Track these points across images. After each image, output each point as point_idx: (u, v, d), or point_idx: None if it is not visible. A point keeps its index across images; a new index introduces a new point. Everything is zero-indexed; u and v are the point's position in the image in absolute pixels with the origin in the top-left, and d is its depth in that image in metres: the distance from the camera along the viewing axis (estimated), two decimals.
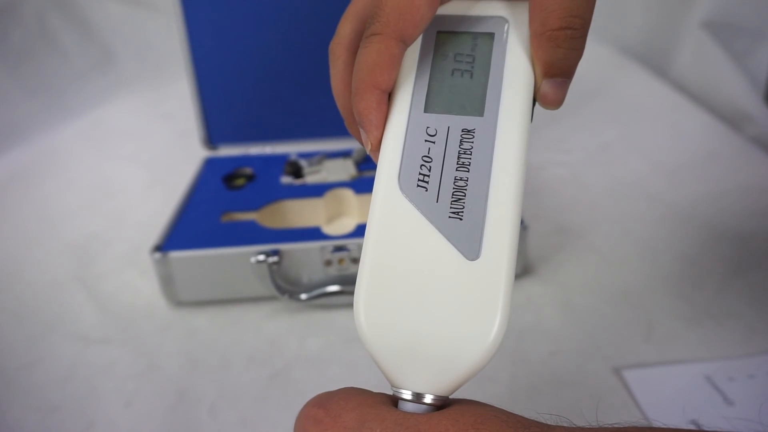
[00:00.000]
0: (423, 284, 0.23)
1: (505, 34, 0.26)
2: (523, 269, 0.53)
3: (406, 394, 0.23)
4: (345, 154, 0.63)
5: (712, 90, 0.83)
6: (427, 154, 0.24)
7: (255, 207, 0.57)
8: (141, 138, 0.83)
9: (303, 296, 0.49)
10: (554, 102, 0.25)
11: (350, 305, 0.52)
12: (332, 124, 0.66)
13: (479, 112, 0.25)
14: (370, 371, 0.45)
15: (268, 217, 0.57)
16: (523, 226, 0.50)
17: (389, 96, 0.26)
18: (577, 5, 0.24)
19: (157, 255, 0.49)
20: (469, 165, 0.24)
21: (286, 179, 0.61)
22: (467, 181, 0.24)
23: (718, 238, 0.57)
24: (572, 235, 0.59)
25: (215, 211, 0.56)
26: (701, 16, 0.85)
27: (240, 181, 0.62)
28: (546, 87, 0.25)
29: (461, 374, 0.22)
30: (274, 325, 0.50)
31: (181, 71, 0.70)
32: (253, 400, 0.43)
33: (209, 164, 0.66)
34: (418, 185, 0.24)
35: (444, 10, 0.27)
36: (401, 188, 0.24)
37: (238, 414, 0.42)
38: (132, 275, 0.56)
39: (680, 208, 0.62)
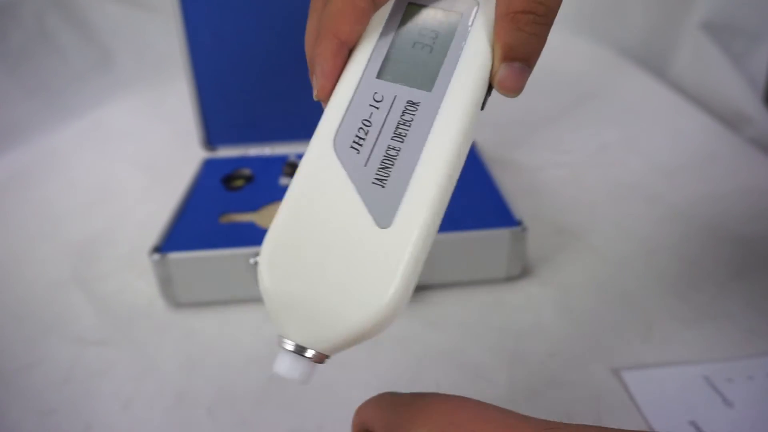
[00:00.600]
0: (330, 242, 0.23)
1: (472, 17, 0.26)
2: (522, 270, 0.53)
3: (289, 345, 0.24)
4: None
5: (711, 91, 0.83)
6: (368, 119, 0.25)
7: (254, 208, 0.57)
8: (140, 139, 0.82)
9: None
10: (511, 88, 0.25)
11: None
12: None
13: (428, 87, 0.25)
14: (368, 372, 0.45)
15: (267, 218, 0.57)
16: (522, 227, 0.50)
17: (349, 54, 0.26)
18: None
19: (156, 256, 0.49)
20: (404, 136, 0.24)
21: (285, 180, 0.61)
22: (399, 151, 0.24)
23: (717, 239, 0.57)
24: (571, 236, 0.59)
25: (214, 213, 0.56)
26: (700, 18, 0.85)
27: (239, 182, 0.62)
28: (504, 71, 0.25)
29: (345, 334, 0.23)
30: (272, 327, 0.49)
31: (180, 72, 0.70)
32: (252, 401, 0.43)
33: (208, 165, 0.66)
34: (351, 146, 0.24)
35: None
36: (335, 146, 0.24)
37: (237, 416, 0.42)
38: (131, 276, 0.56)
39: (679, 209, 0.62)
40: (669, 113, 0.83)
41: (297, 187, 0.24)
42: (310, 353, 0.23)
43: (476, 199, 0.55)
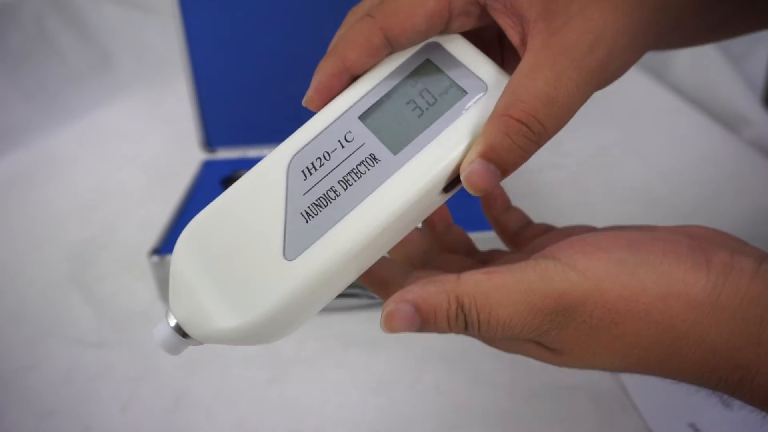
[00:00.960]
0: (239, 248, 0.24)
1: (475, 100, 0.25)
2: None
3: (171, 320, 0.25)
4: None
5: (709, 93, 0.83)
6: (329, 152, 0.25)
7: None
8: (139, 140, 0.82)
9: None
10: (477, 186, 0.23)
11: (349, 309, 0.52)
12: None
13: (395, 149, 0.24)
14: (369, 375, 0.45)
15: None
16: None
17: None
18: (545, 113, 0.23)
19: (155, 258, 0.49)
20: (350, 185, 0.24)
21: None
22: (338, 197, 0.24)
23: None
24: None
25: None
26: None
27: None
28: (476, 166, 0.23)
29: (210, 333, 0.24)
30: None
31: (179, 74, 0.70)
32: (251, 403, 0.43)
33: (207, 167, 0.66)
34: (302, 170, 0.25)
35: (449, 44, 0.26)
36: (290, 163, 0.25)
37: (236, 418, 0.42)
38: (130, 278, 0.56)
39: (679, 211, 0.62)
40: (668, 115, 0.83)
41: (240, 185, 0.25)
42: (184, 334, 0.25)
43: (474, 201, 0.55)
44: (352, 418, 0.42)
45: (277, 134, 0.69)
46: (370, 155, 0.24)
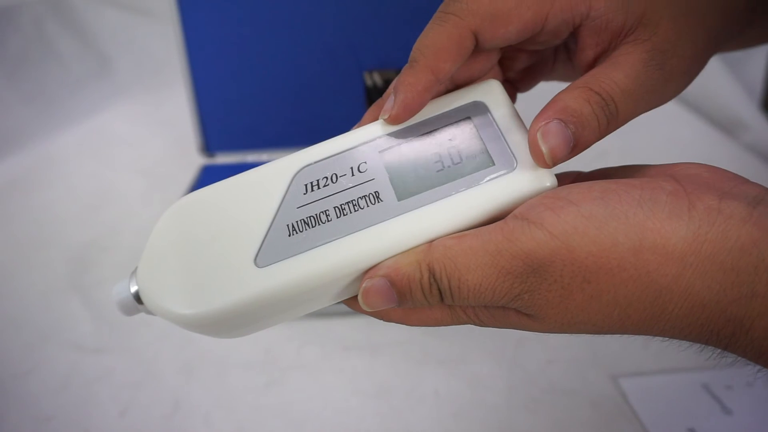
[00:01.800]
0: (219, 237, 0.24)
1: (498, 174, 0.24)
2: None
3: (133, 286, 0.25)
4: None
5: (707, 98, 0.84)
6: (338, 176, 0.24)
7: None
8: (138, 145, 0.82)
9: None
10: (554, 150, 0.23)
11: (348, 314, 0.52)
12: (328, 132, 0.66)
13: (401, 196, 0.23)
14: (368, 380, 0.45)
15: None
16: None
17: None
18: (621, 100, 0.23)
19: None
20: (343, 215, 0.23)
21: None
22: (327, 222, 0.23)
23: None
24: None
25: None
26: None
27: None
28: (553, 125, 0.22)
29: (159, 308, 0.24)
30: (270, 333, 0.49)
31: (178, 78, 0.71)
32: (249, 408, 0.43)
33: (206, 172, 0.66)
34: (306, 183, 0.24)
35: (495, 107, 0.25)
36: (298, 172, 0.25)
37: (234, 423, 0.42)
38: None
39: None
40: (666, 120, 0.83)
41: (243, 177, 0.25)
42: (141, 301, 0.25)
43: None
44: (352, 423, 0.42)
45: (276, 139, 0.70)
46: (374, 192, 0.24)
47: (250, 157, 0.69)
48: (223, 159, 0.70)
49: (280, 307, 0.24)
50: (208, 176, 0.65)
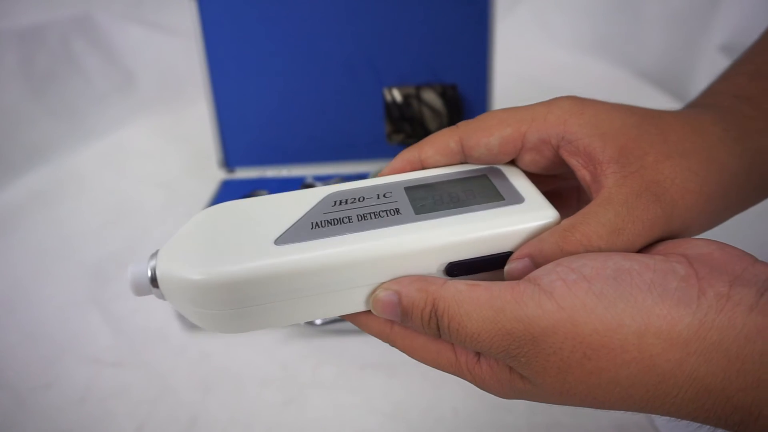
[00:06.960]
0: (247, 227, 0.26)
1: (508, 204, 0.27)
2: None
3: (151, 266, 0.26)
4: (360, 178, 0.63)
5: None
6: (365, 197, 0.28)
7: None
8: (159, 160, 0.83)
9: (317, 321, 0.49)
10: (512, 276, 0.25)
11: (365, 332, 0.51)
12: (348, 148, 0.67)
13: (418, 211, 0.26)
14: (385, 399, 0.44)
15: None
16: None
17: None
18: (608, 241, 0.24)
19: None
20: (365, 219, 0.26)
21: None
22: (349, 223, 0.26)
23: None
24: None
25: None
26: (719, 40, 0.84)
27: None
28: (518, 264, 0.25)
29: (172, 279, 0.25)
30: (287, 350, 0.49)
31: (200, 94, 0.71)
32: (266, 426, 0.43)
33: (226, 186, 0.66)
34: (335, 201, 0.27)
35: (509, 171, 0.29)
36: (329, 193, 0.28)
37: None
38: (146, 297, 0.56)
39: None
40: None
41: (278, 195, 0.28)
42: (156, 283, 0.26)
43: None
44: None
45: (295, 155, 0.70)
46: (395, 209, 0.27)
47: (269, 172, 0.69)
48: (243, 174, 0.70)
49: (290, 287, 0.25)
50: (227, 191, 0.65)
